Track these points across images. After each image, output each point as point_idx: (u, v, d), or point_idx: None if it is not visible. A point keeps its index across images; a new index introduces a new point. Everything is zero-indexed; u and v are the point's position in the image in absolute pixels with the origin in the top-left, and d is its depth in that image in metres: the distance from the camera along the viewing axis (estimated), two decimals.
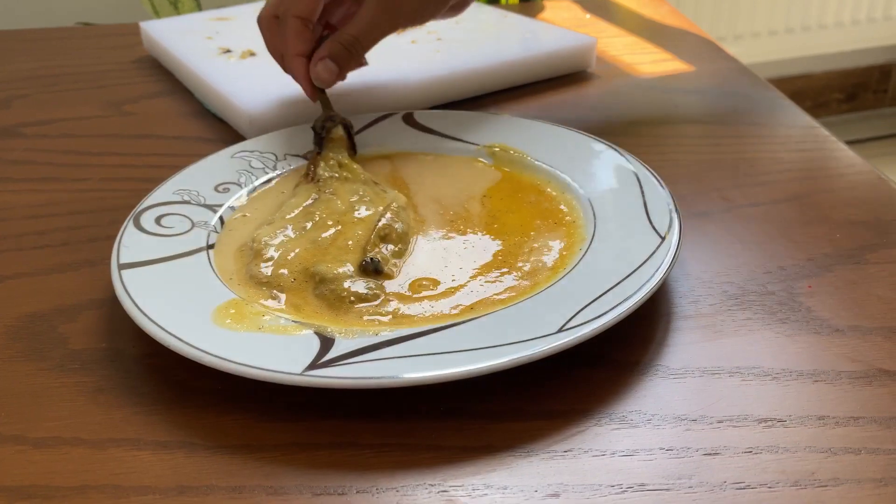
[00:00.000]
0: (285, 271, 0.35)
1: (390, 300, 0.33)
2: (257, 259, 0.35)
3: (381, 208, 0.39)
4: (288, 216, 0.38)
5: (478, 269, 0.36)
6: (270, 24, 0.46)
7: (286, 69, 0.47)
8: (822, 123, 0.52)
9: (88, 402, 0.30)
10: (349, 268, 0.35)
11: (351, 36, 0.45)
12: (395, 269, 0.36)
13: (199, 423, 0.29)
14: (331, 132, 0.44)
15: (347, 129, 0.45)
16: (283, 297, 0.34)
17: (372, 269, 0.35)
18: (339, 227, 0.38)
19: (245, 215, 0.40)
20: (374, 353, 0.30)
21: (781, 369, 0.31)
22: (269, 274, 0.34)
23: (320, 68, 0.45)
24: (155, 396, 0.31)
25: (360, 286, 0.34)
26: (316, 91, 0.46)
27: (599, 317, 0.30)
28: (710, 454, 0.27)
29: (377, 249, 0.36)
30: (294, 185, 0.42)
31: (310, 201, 0.39)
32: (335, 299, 0.33)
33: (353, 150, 0.45)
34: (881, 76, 1.86)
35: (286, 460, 0.28)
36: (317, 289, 0.34)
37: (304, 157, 0.44)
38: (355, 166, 0.43)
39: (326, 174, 0.41)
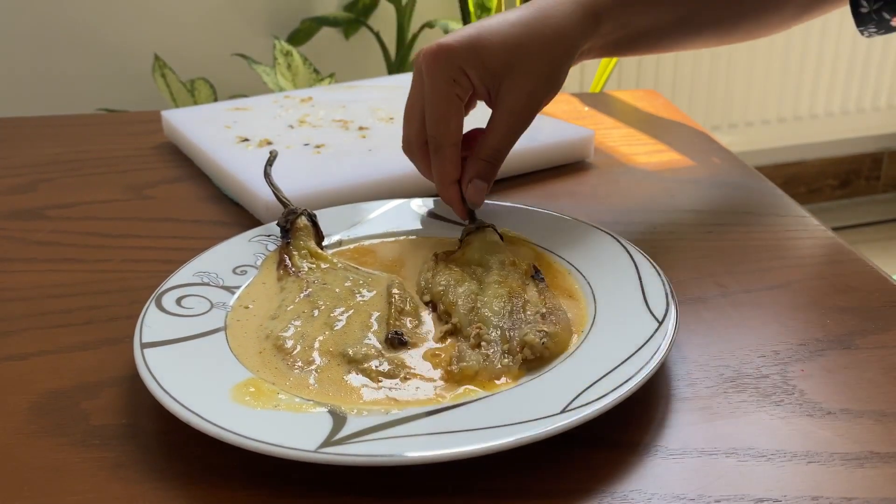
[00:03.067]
0: (316, 356, 0.36)
1: (409, 378, 0.35)
2: (283, 353, 0.37)
3: (388, 287, 0.41)
4: (289, 308, 0.40)
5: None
6: (422, 152, 0.47)
7: (443, 195, 0.47)
8: (816, 209, 0.54)
9: (109, 478, 0.31)
10: (374, 345, 0.37)
11: (492, 149, 0.46)
12: (417, 340, 0.38)
13: (215, 498, 0.30)
14: (295, 223, 0.46)
15: (311, 217, 0.47)
16: (316, 377, 0.35)
17: (398, 342, 0.37)
18: (351, 311, 0.39)
19: (248, 307, 0.41)
20: (385, 431, 0.31)
21: (776, 450, 0.32)
22: (301, 363, 0.36)
23: (472, 192, 0.46)
24: (173, 472, 0.32)
25: (384, 365, 0.36)
26: (466, 210, 0.47)
27: (600, 398, 0.32)
28: None
29: (399, 323, 0.38)
30: (276, 280, 0.43)
31: (305, 293, 0.41)
32: (364, 378, 0.35)
33: (319, 236, 0.47)
34: (873, 164, 1.91)
35: None
36: (346, 368, 0.36)
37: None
38: (324, 253, 0.45)
39: (306, 266, 0.44)
